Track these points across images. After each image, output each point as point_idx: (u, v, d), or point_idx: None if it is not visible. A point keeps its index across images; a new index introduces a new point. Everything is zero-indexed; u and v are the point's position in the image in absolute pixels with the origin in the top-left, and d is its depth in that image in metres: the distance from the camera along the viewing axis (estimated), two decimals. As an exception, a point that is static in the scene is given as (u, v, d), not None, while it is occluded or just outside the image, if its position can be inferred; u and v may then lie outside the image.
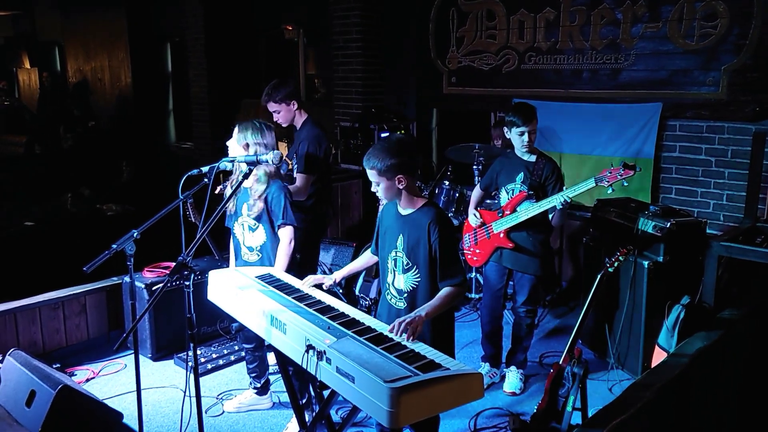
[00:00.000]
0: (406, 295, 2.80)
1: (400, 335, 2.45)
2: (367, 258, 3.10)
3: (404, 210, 2.79)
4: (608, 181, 3.55)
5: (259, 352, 3.70)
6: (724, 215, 5.08)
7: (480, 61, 6.39)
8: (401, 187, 2.70)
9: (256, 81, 9.29)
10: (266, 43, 9.33)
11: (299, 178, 4.10)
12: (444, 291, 2.68)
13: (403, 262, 2.79)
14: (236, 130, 3.37)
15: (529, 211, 3.74)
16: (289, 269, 3.33)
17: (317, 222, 4.31)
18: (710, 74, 5.01)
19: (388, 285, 2.88)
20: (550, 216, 3.82)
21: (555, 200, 3.63)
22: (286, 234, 3.35)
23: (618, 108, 5.48)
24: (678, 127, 5.27)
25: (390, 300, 2.88)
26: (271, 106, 4.20)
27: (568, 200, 3.61)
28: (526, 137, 3.77)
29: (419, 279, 2.76)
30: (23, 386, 3.39)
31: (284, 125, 4.28)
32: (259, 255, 3.45)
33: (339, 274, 3.05)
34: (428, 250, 2.70)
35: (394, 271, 2.84)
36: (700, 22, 4.99)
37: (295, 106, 4.23)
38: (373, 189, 2.76)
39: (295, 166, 4.17)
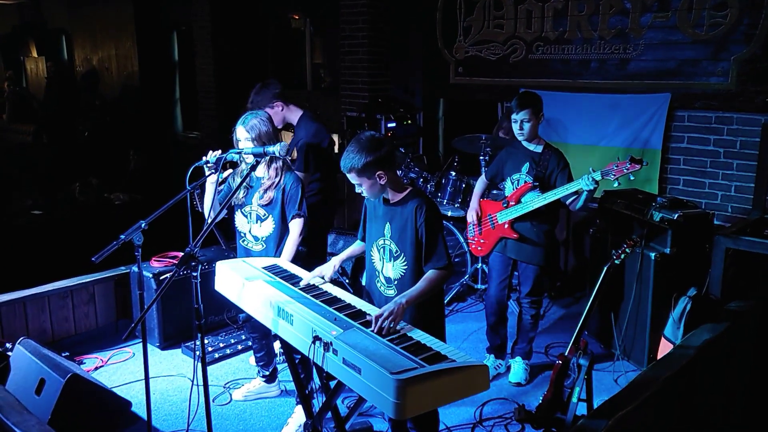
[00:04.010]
0: (396, 282, 2.82)
1: (379, 329, 2.44)
2: (359, 245, 3.11)
3: (391, 199, 2.81)
4: (614, 175, 3.53)
5: (266, 340, 3.72)
6: (732, 207, 5.06)
7: (487, 50, 6.35)
8: (383, 183, 2.72)
9: (263, 70, 9.28)
10: (273, 32, 9.31)
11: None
12: (428, 275, 2.69)
13: (391, 249, 2.81)
14: (242, 123, 3.35)
15: (535, 201, 3.74)
16: (296, 261, 3.34)
17: (323, 215, 4.29)
18: (720, 64, 4.98)
19: (378, 272, 2.91)
20: (569, 201, 3.70)
21: (582, 183, 3.51)
22: (297, 225, 3.35)
23: (626, 98, 5.45)
24: (686, 118, 5.24)
25: (380, 288, 2.91)
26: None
27: (599, 179, 3.50)
28: (517, 125, 3.77)
29: (407, 267, 2.77)
30: (33, 374, 3.43)
31: (279, 127, 4.25)
32: (263, 245, 3.46)
33: (337, 260, 3.05)
34: (414, 235, 2.73)
35: (382, 259, 2.86)
36: (710, 11, 4.94)
37: (281, 107, 4.13)
38: (357, 190, 2.77)
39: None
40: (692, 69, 5.11)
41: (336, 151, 7.44)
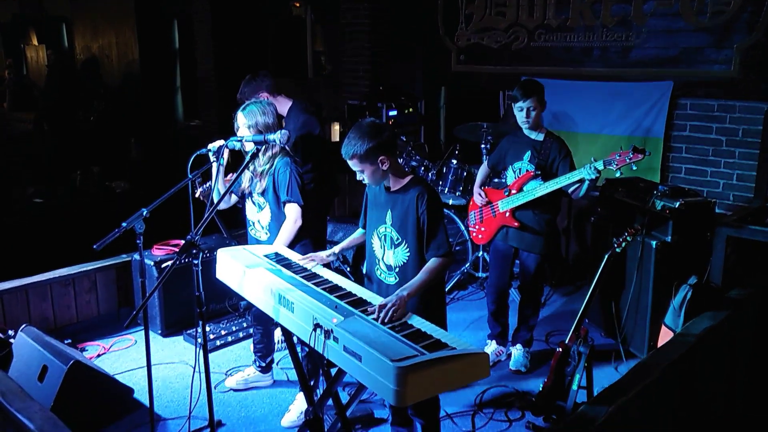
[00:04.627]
0: (397, 270, 2.82)
1: (381, 321, 2.44)
2: (360, 233, 3.11)
3: (392, 186, 2.81)
4: (617, 165, 3.52)
5: (268, 333, 3.74)
6: (734, 195, 5.06)
7: (489, 38, 6.33)
8: (385, 169, 2.72)
9: (264, 58, 9.25)
10: (273, 20, 9.27)
11: None
12: (429, 264, 2.70)
13: (392, 237, 2.81)
14: (243, 109, 3.35)
15: (537, 190, 3.73)
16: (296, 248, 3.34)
17: (318, 204, 4.24)
18: (723, 52, 4.95)
19: (378, 260, 2.91)
20: (571, 190, 3.69)
21: (584, 172, 3.51)
22: (290, 211, 3.34)
23: (628, 86, 5.43)
24: (689, 106, 5.22)
25: (380, 275, 2.91)
26: None
27: (601, 168, 3.50)
28: (524, 113, 3.75)
29: (409, 254, 2.78)
30: (35, 361, 3.44)
31: None
32: (267, 233, 3.47)
33: (338, 248, 3.05)
34: (416, 223, 2.73)
35: (383, 246, 2.86)
36: (713, -1, 4.92)
37: (266, 98, 4.00)
38: (358, 177, 2.77)
39: None
40: (695, 57, 5.09)
41: (337, 139, 7.44)
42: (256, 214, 3.49)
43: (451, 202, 5.25)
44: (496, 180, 4.55)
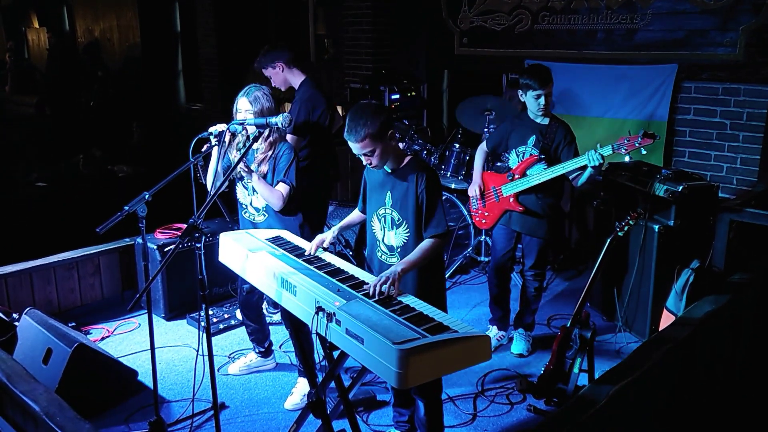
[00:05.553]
0: (399, 250, 2.83)
1: (379, 294, 2.47)
2: (358, 214, 3.12)
3: (391, 168, 2.81)
4: (626, 149, 3.50)
5: (259, 318, 3.76)
6: (738, 179, 5.04)
7: (492, 21, 6.28)
8: (394, 144, 2.74)
9: (266, 41, 9.18)
10: (276, 3, 9.20)
11: (288, 138, 4.08)
12: (425, 243, 2.72)
13: (393, 218, 2.82)
14: (245, 95, 3.33)
15: (541, 175, 3.71)
16: (298, 232, 3.35)
17: (317, 184, 4.27)
18: (728, 35, 4.91)
19: (379, 242, 2.92)
20: (572, 176, 3.69)
21: (587, 158, 3.50)
22: (281, 188, 3.34)
23: (632, 69, 5.40)
24: (693, 89, 5.19)
25: (381, 257, 2.92)
26: (266, 72, 4.23)
27: (607, 154, 3.49)
28: (542, 100, 3.71)
29: (409, 233, 2.79)
30: (40, 344, 3.47)
31: (282, 89, 4.29)
32: (264, 215, 3.46)
33: (336, 228, 3.05)
34: (415, 201, 2.74)
35: (383, 228, 2.88)
36: (719, -20, 4.86)
37: (282, 69, 4.19)
38: (366, 162, 2.75)
39: None
40: (700, 39, 5.05)
41: (340, 123, 7.41)
42: (248, 197, 3.49)
43: (453, 186, 5.24)
44: (498, 164, 4.54)
